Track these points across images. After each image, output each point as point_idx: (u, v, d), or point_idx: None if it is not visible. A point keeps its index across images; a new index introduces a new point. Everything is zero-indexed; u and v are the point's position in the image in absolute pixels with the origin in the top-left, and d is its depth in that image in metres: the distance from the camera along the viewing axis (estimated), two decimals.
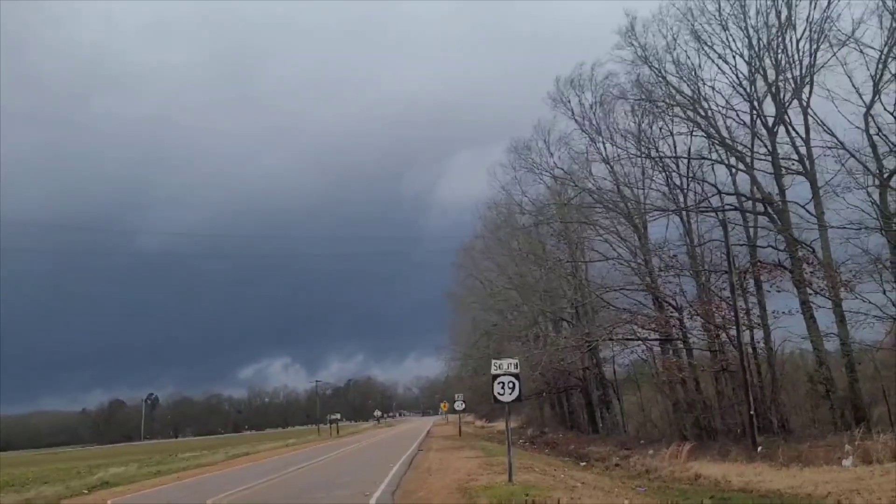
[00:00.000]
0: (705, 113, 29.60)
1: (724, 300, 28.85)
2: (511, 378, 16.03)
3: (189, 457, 47.00)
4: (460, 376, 76.22)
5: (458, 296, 62.24)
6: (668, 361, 31.73)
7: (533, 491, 13.89)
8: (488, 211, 49.90)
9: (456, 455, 28.18)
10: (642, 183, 34.28)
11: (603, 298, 35.24)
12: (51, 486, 27.65)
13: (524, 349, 37.55)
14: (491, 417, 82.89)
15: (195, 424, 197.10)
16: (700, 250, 31.90)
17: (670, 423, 33.59)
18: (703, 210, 31.35)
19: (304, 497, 16.53)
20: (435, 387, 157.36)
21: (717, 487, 18.08)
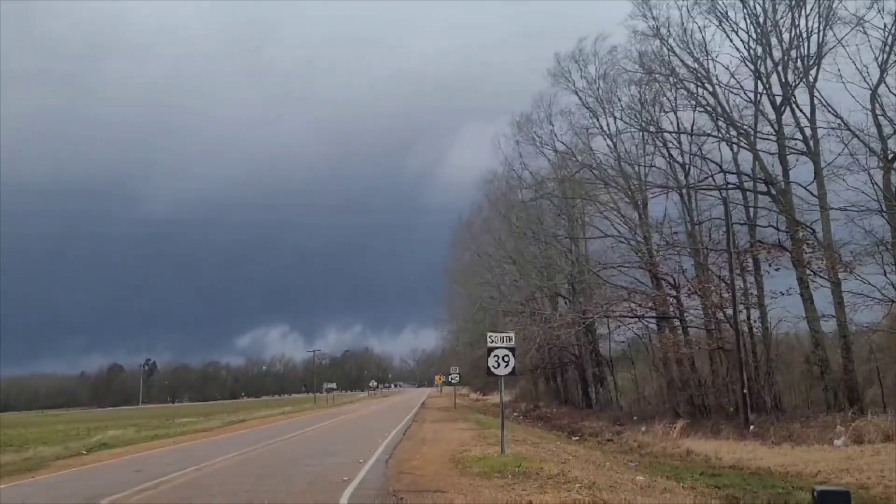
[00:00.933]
0: (711, 90, 29.31)
1: (722, 279, 28.85)
2: (506, 352, 16.07)
3: (186, 422, 47.32)
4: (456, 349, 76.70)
5: (456, 269, 62.30)
6: (665, 339, 31.81)
7: (525, 462, 13.98)
8: (489, 184, 49.73)
9: (450, 426, 28.38)
10: (643, 160, 34.08)
11: (600, 275, 35.23)
12: (49, 447, 27.80)
13: (520, 324, 37.59)
14: (485, 391, 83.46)
15: (192, 391, 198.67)
16: (700, 229, 31.82)
17: (664, 400, 33.80)
18: (704, 188, 31.21)
19: (299, 464, 16.63)
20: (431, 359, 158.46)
21: (708, 464, 18.21)
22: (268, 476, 14.46)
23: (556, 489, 10.89)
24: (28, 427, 62.65)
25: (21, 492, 14.32)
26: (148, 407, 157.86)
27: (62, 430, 48.06)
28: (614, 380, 41.68)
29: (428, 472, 13.76)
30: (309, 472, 14.63)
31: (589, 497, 10.26)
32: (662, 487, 13.01)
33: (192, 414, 67.62)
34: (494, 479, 12.22)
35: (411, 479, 12.86)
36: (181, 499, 11.69)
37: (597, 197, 35.60)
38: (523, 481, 11.79)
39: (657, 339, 34.21)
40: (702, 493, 13.24)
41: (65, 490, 14.05)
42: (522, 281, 45.15)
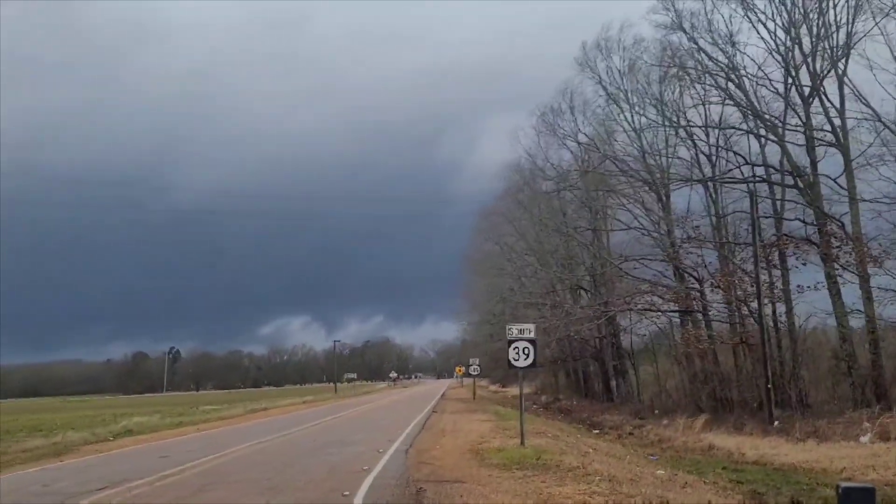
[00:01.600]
0: (738, 82, 28.86)
1: (746, 273, 28.48)
2: (526, 344, 16.02)
3: (209, 409, 47.94)
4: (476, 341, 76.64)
5: (476, 260, 62.19)
6: (687, 333, 31.52)
7: (544, 455, 13.96)
8: (511, 175, 49.52)
9: (469, 418, 28.42)
10: (667, 151, 33.67)
11: (622, 268, 34.97)
12: (77, 432, 28.33)
13: (540, 316, 37.47)
14: (505, 382, 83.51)
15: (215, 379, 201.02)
16: (724, 222, 31.42)
17: (686, 394, 33.51)
18: (729, 181, 30.78)
19: (320, 452, 16.76)
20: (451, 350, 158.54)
21: (731, 459, 18.04)
22: (289, 464, 14.59)
23: (575, 482, 10.85)
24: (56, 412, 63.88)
25: (50, 475, 14.60)
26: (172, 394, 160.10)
27: (89, 415, 48.92)
28: (636, 373, 41.42)
29: (447, 462, 13.79)
30: (329, 461, 14.74)
31: (609, 490, 10.21)
32: (683, 482, 12.90)
33: (216, 401, 68.48)
34: (514, 470, 12.21)
35: (431, 469, 12.90)
36: (204, 485, 11.84)
37: (620, 189, 35.28)
38: (543, 473, 11.76)
39: (680, 332, 33.90)
40: (724, 488, 13.11)
41: (92, 474, 14.29)
42: (543, 272, 44.97)
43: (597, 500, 9.33)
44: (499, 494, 9.81)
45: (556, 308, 37.76)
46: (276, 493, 10.72)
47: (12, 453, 20.82)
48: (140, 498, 10.76)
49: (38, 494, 11.70)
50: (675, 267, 32.58)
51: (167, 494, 10.96)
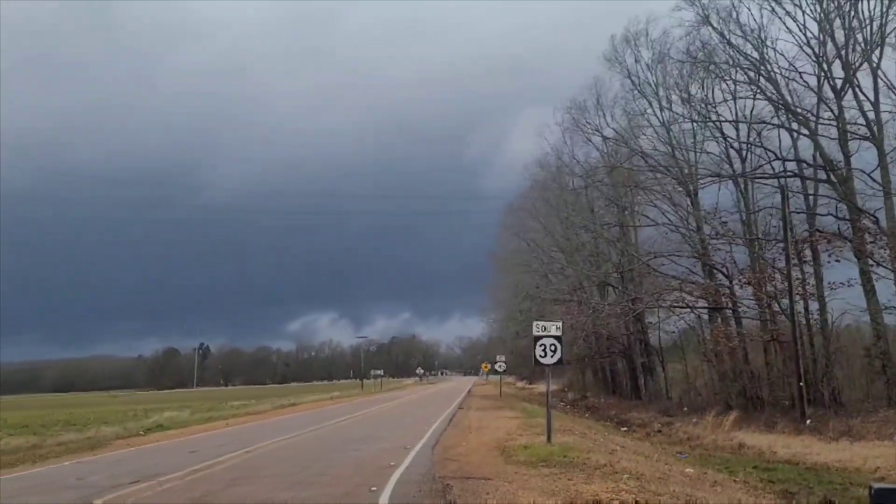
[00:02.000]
0: (769, 76, 28.37)
1: (777, 269, 28.03)
2: (553, 341, 15.94)
3: (238, 405, 48.50)
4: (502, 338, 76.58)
5: (502, 256, 62.09)
6: (717, 330, 31.12)
7: (572, 452, 13.88)
8: (537, 171, 49.28)
9: (496, 415, 28.39)
10: (696, 147, 33.23)
11: (650, 265, 34.63)
12: (109, 427, 28.87)
13: (567, 313, 37.26)
14: (532, 379, 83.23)
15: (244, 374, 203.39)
16: (755, 218, 30.94)
17: (715, 391, 33.09)
18: (760, 176, 30.30)
19: (347, 448, 16.86)
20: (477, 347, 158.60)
21: (762, 458, 17.77)
22: (316, 459, 14.71)
23: (603, 479, 10.77)
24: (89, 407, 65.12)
25: (84, 468, 14.89)
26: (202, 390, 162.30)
27: (121, 410, 49.79)
28: (664, 370, 41.02)
29: (474, 459, 13.78)
30: (356, 457, 14.82)
31: (637, 488, 10.12)
32: (713, 480, 12.75)
33: (244, 397, 69.27)
34: (540, 468, 12.16)
35: (457, 465, 12.90)
36: (234, 479, 11.98)
37: (647, 185, 34.91)
38: (570, 471, 11.70)
39: (709, 329, 33.49)
40: (754, 487, 12.93)
41: (124, 468, 14.54)
42: (570, 269, 44.72)
43: (625, 497, 9.25)
44: (525, 492, 9.78)
45: (583, 305, 37.53)
46: (304, 487, 10.81)
47: (48, 447, 21.29)
48: (171, 492, 10.92)
49: (72, 487, 11.93)
50: (703, 263, 32.17)
51: (198, 488, 11.11)
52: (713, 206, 32.28)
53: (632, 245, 39.50)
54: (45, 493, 11.40)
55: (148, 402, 69.85)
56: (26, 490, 12.00)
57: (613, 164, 37.00)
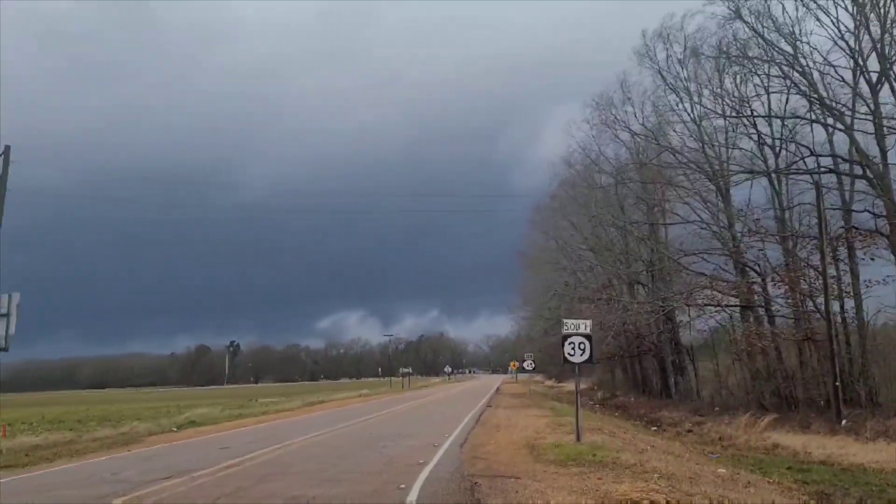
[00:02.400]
0: (803, 70, 27.83)
1: (812, 267, 27.50)
2: (582, 339, 15.84)
3: (268, 402, 49.04)
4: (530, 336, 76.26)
5: (531, 254, 61.87)
6: (749, 329, 30.65)
7: (601, 451, 13.78)
8: (565, 169, 48.96)
9: (524, 413, 28.31)
10: (728, 143, 32.70)
11: (680, 263, 34.21)
12: (143, 423, 29.42)
13: (596, 311, 36.98)
14: (560, 378, 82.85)
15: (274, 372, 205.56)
16: (789, 214, 30.40)
17: (748, 391, 32.60)
18: (794, 172, 29.74)
19: (376, 445, 16.94)
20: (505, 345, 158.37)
21: (796, 458, 17.47)
22: (346, 456, 14.80)
23: (633, 479, 10.68)
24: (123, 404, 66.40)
25: (118, 464, 15.18)
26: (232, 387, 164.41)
27: (154, 407, 50.66)
28: (695, 369, 40.52)
29: (502, 457, 13.76)
30: (385, 454, 14.89)
31: (668, 488, 10.01)
32: (746, 481, 12.56)
33: (274, 394, 70.02)
34: (570, 466, 12.10)
35: (486, 464, 12.89)
36: (264, 475, 12.11)
37: (678, 182, 34.46)
38: (599, 470, 11.62)
39: (741, 328, 32.99)
40: (788, 488, 12.71)
41: (157, 464, 14.79)
42: (599, 267, 44.39)
43: (655, 497, 9.15)
44: (554, 491, 9.73)
45: (612, 303, 37.23)
46: (334, 484, 10.89)
47: (83, 442, 21.76)
48: (203, 487, 11.07)
49: (107, 482, 12.17)
50: (735, 261, 31.70)
51: (229, 484, 11.25)
52: (746, 202, 31.82)
53: (662, 243, 39.06)
54: (82, 487, 11.63)
55: (180, 399, 70.99)
56: (64, 484, 12.26)
57: (643, 160, 36.61)
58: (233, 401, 56.14)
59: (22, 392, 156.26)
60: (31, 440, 22.35)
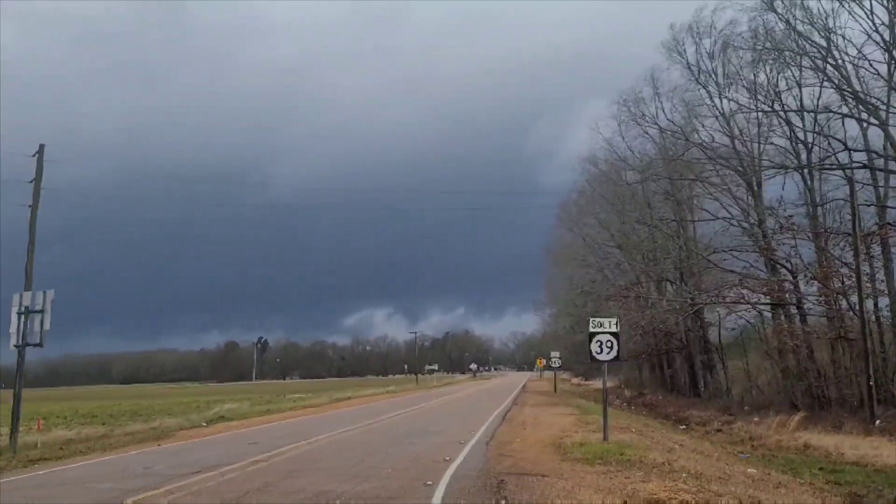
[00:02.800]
0: (836, 64, 27.27)
1: (845, 264, 26.99)
2: (609, 337, 15.73)
3: (296, 398, 49.56)
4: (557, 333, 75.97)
5: (557, 251, 61.56)
6: (780, 327, 30.17)
7: (629, 450, 13.68)
8: (592, 165, 48.61)
9: (551, 411, 28.22)
10: (759, 138, 32.18)
11: (710, 260, 33.77)
12: (173, 418, 29.93)
13: (624, 309, 36.68)
14: (587, 376, 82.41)
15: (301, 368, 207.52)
16: (822, 210, 29.85)
17: (779, 390, 32.11)
18: (827, 168, 29.19)
19: (402, 442, 17.02)
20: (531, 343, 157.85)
21: (828, 459, 17.16)
22: (372, 453, 14.88)
23: (660, 478, 10.58)
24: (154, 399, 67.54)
25: (150, 458, 15.45)
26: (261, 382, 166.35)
27: (184, 402, 51.45)
28: (724, 368, 40.01)
29: (528, 455, 13.73)
30: (411, 451, 14.95)
31: (696, 488, 9.90)
32: (777, 481, 12.38)
33: (302, 390, 70.71)
34: (597, 465, 12.03)
35: (512, 461, 12.87)
36: (292, 471, 12.24)
37: (707, 177, 33.99)
38: (626, 469, 11.54)
39: (771, 326, 32.49)
40: (820, 489, 12.50)
41: (188, 458, 15.02)
42: (627, 264, 44.03)
43: (683, 497, 9.06)
44: (581, 489, 9.69)
45: (640, 301, 36.90)
46: (361, 480, 10.96)
47: (116, 436, 22.18)
48: (232, 482, 11.22)
49: (139, 476, 12.39)
50: (766, 258, 31.21)
51: (257, 479, 11.39)
52: (777, 198, 31.30)
53: (690, 240, 38.60)
54: (116, 480, 11.86)
55: (210, 394, 71.97)
56: (98, 477, 12.51)
57: (671, 156, 36.17)
58: (261, 396, 56.77)
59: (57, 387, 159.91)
60: (65, 434, 22.88)
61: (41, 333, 18.63)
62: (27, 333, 18.57)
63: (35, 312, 18.62)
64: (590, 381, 77.91)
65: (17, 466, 14.98)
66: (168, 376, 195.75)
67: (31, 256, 20.04)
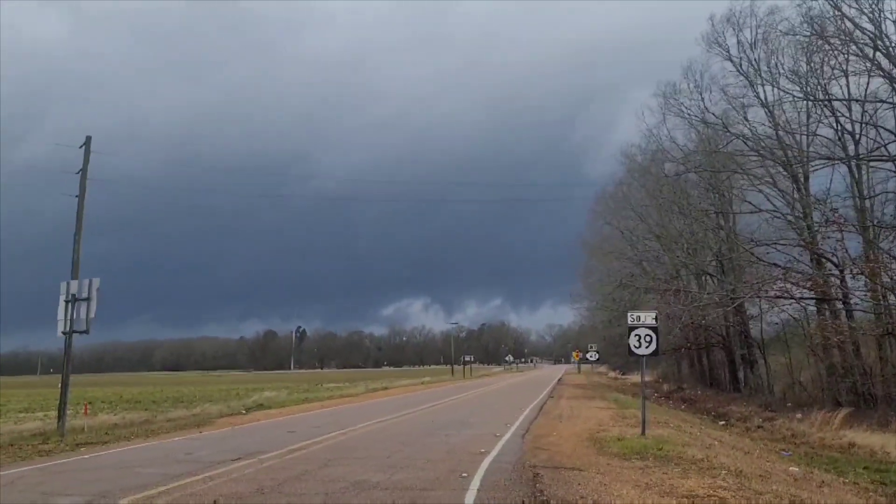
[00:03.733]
0: (887, 51, 26.36)
1: (894, 258, 26.18)
2: (648, 331, 15.55)
3: (332, 387, 50.10)
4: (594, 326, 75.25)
5: (594, 243, 60.88)
6: (824, 322, 29.44)
7: (666, 446, 13.52)
8: (631, 157, 47.95)
9: (587, 405, 28.03)
10: (806, 129, 31.31)
11: (753, 253, 33.06)
12: (214, 405, 30.54)
13: (663, 302, 36.16)
14: (625, 370, 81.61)
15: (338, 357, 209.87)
16: (870, 203, 28.99)
17: (822, 387, 31.39)
18: (876, 159, 28.31)
19: (438, 433, 17.08)
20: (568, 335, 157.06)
21: (874, 458, 16.75)
22: (408, 443, 14.98)
23: (699, 475, 10.44)
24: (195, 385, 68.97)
25: (191, 444, 15.79)
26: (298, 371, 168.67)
27: (224, 389, 52.43)
28: (766, 364, 39.24)
29: (564, 449, 13.66)
30: (447, 442, 14.99)
31: (736, 485, 9.75)
32: (820, 480, 12.13)
33: (338, 380, 71.49)
34: (633, 460, 11.92)
35: (547, 455, 12.83)
36: (329, 459, 12.38)
37: (750, 170, 33.24)
38: (664, 465, 11.40)
39: (815, 321, 31.72)
40: (865, 489, 12.22)
41: (228, 445, 15.31)
42: (666, 257, 43.36)
43: (723, 494, 8.92)
44: (618, 484, 9.60)
45: (679, 294, 36.33)
46: (397, 470, 11.04)
47: (158, 422, 22.71)
48: (271, 469, 11.40)
49: (182, 462, 12.67)
50: (811, 252, 30.44)
51: (295, 467, 11.55)
52: (823, 190, 30.48)
53: (732, 232, 37.84)
54: (159, 466, 12.16)
55: (249, 382, 73.26)
56: (142, 462, 12.84)
57: (712, 148, 35.45)
58: (298, 384, 57.56)
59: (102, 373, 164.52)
60: (110, 419, 23.53)
61: (87, 321, 19.12)
62: (74, 321, 19.09)
63: (81, 300, 19.13)
64: (627, 374, 77.15)
65: (64, 450, 15.44)
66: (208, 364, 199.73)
67: (77, 246, 20.57)
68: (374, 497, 8.92)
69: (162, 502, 8.87)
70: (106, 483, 10.41)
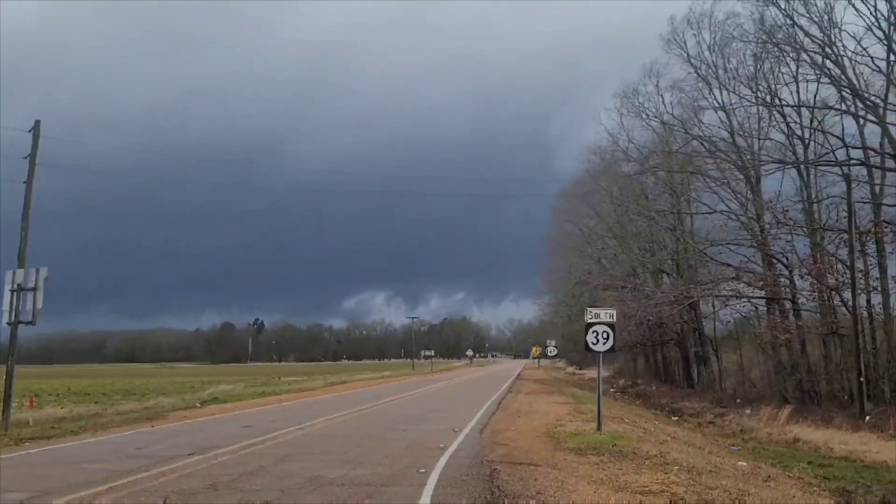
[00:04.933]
0: (836, 59, 27.16)
1: (840, 261, 27.07)
2: (605, 328, 15.78)
3: (291, 381, 49.62)
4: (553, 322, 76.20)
5: (555, 241, 61.59)
6: (774, 321, 30.30)
7: (621, 441, 13.77)
8: (591, 156, 48.54)
9: (545, 399, 28.34)
10: (758, 132, 32.13)
11: (706, 253, 33.84)
12: (167, 398, 29.97)
13: (620, 299, 36.78)
14: (582, 365, 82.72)
15: (297, 351, 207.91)
16: (818, 207, 29.89)
17: (770, 384, 32.32)
18: (824, 164, 29.19)
19: (397, 428, 17.09)
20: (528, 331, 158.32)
21: (818, 453, 17.30)
22: (367, 438, 14.95)
23: (653, 470, 10.66)
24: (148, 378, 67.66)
25: (142, 439, 15.49)
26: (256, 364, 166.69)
27: (178, 382, 51.55)
28: (718, 361, 40.23)
29: (522, 444, 13.80)
30: (406, 438, 15.01)
31: (688, 480, 9.99)
32: (766, 475, 12.49)
33: (297, 373, 70.82)
34: (589, 456, 12.11)
35: (505, 450, 12.94)
36: (286, 455, 12.29)
37: (706, 171, 33.99)
38: (619, 460, 11.62)
39: (765, 320, 32.63)
40: (809, 483, 12.62)
41: (181, 440, 15.07)
42: (624, 256, 44.09)
43: (675, 490, 9.14)
44: (574, 480, 9.75)
45: (636, 291, 36.98)
46: (354, 466, 11.02)
47: (108, 416, 22.21)
48: (225, 465, 11.27)
49: (132, 457, 12.43)
50: (762, 253, 31.28)
51: (251, 462, 11.44)
52: (773, 193, 31.33)
53: (687, 232, 38.66)
54: (108, 461, 11.89)
55: (204, 375, 72.11)
56: (90, 457, 12.54)
57: (669, 149, 36.12)
58: (255, 378, 56.91)
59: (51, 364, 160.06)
60: (57, 412, 22.86)
61: (34, 311, 18.59)
62: (20, 311, 18.54)
63: (28, 290, 18.58)
64: (584, 370, 78.17)
65: (8, 444, 14.99)
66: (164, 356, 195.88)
67: (25, 234, 19.95)
68: (331, 493, 8.89)
69: (109, 499, 8.67)
70: (51, 479, 10.14)
